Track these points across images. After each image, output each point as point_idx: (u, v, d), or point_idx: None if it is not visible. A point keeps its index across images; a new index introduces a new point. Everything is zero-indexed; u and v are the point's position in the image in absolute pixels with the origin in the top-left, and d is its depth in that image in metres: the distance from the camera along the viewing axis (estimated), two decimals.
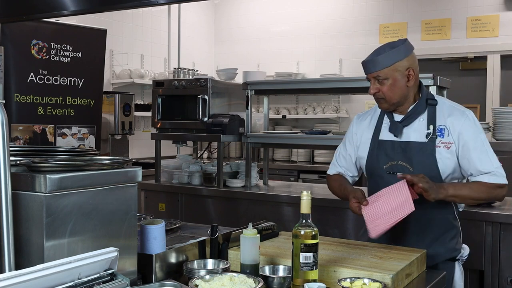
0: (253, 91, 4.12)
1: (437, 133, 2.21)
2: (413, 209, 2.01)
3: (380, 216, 2.07)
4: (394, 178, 2.19)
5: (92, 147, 4.71)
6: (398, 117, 2.29)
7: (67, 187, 1.40)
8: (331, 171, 2.54)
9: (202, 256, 1.90)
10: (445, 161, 2.20)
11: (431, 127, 2.22)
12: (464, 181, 2.31)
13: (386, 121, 2.33)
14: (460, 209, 2.36)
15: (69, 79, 4.65)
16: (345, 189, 2.32)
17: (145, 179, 4.18)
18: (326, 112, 6.50)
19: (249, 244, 1.76)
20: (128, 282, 1.40)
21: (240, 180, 4.15)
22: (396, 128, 2.26)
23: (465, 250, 2.36)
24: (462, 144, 2.19)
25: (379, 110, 2.37)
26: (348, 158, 2.46)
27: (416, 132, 2.24)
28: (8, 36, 4.24)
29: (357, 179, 2.53)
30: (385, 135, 2.31)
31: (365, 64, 2.23)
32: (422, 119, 2.25)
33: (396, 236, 2.23)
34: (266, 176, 4.34)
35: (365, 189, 2.33)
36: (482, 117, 5.93)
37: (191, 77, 5.11)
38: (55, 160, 1.53)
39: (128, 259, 1.59)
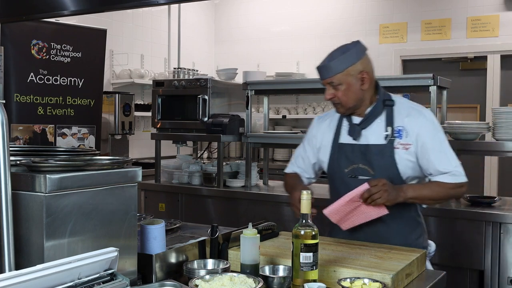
0: (253, 91, 4.12)
1: (395, 135, 2.20)
2: (386, 211, 2.08)
3: (347, 217, 2.12)
4: (355, 181, 2.20)
5: (92, 147, 4.71)
6: (356, 120, 2.27)
7: (67, 187, 1.40)
8: (288, 169, 2.53)
9: (202, 256, 1.90)
10: (404, 162, 2.19)
11: (389, 128, 2.21)
12: (426, 179, 2.32)
13: (345, 124, 2.32)
14: (424, 206, 2.36)
15: (69, 79, 4.65)
16: (295, 189, 2.27)
17: (145, 179, 4.18)
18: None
19: (249, 244, 1.76)
20: (128, 282, 1.40)
21: (240, 180, 4.15)
22: (354, 131, 2.25)
23: (432, 246, 2.39)
24: (421, 144, 2.18)
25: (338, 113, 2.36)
26: (306, 160, 2.45)
27: (374, 134, 2.23)
28: (8, 36, 4.24)
29: (314, 181, 2.52)
30: (345, 138, 2.30)
31: (319, 70, 2.22)
32: (380, 120, 2.24)
33: (364, 239, 2.21)
34: (266, 176, 4.34)
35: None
36: (482, 117, 5.93)
37: (191, 77, 5.11)
38: (55, 160, 1.53)
39: (128, 259, 1.59)
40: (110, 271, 1.39)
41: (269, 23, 7.11)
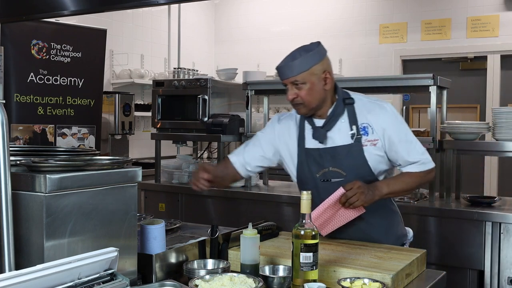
0: (253, 91, 4.12)
1: (361, 132, 2.20)
2: (364, 210, 2.10)
3: (327, 222, 2.11)
4: (328, 185, 2.19)
5: (92, 147, 4.71)
6: (319, 122, 2.24)
7: (67, 187, 1.40)
8: (233, 158, 2.41)
9: (202, 256, 1.90)
10: (374, 158, 2.20)
11: (354, 127, 2.20)
12: (394, 171, 2.35)
13: (308, 127, 2.28)
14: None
15: (69, 79, 4.65)
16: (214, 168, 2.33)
17: (145, 179, 4.17)
18: None
19: (249, 244, 1.76)
20: (128, 282, 1.40)
21: (240, 180, 4.15)
22: (319, 135, 2.22)
23: (410, 233, 2.43)
24: (388, 138, 2.19)
25: (299, 116, 2.32)
26: (255, 151, 2.38)
27: (340, 134, 2.21)
28: (8, 36, 4.24)
29: (253, 175, 2.49)
30: (310, 143, 2.26)
31: (281, 69, 2.18)
32: (343, 120, 2.22)
33: (348, 237, 2.23)
34: (266, 176, 4.34)
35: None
36: (482, 117, 5.93)
37: (191, 77, 5.11)
38: (55, 160, 1.53)
39: (128, 259, 1.59)
40: (110, 271, 1.39)
41: (269, 23, 7.11)
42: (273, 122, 2.42)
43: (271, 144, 2.37)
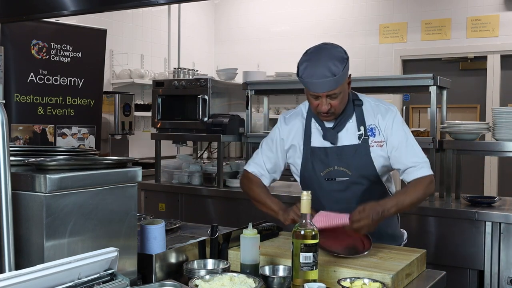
0: (253, 91, 4.12)
1: (368, 133, 2.22)
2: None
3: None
4: (332, 184, 2.21)
5: (92, 147, 4.71)
6: (329, 123, 2.25)
7: (67, 187, 1.40)
8: (251, 168, 2.42)
9: (202, 256, 1.90)
10: (380, 160, 2.21)
11: (362, 128, 2.22)
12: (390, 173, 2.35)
13: (315, 126, 2.28)
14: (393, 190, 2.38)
15: (69, 79, 4.65)
16: (272, 201, 2.28)
17: (145, 179, 4.18)
18: None
19: (249, 244, 1.76)
20: (128, 282, 1.40)
21: None
22: (331, 136, 2.23)
23: (405, 234, 2.44)
24: (391, 140, 2.20)
25: (305, 113, 2.32)
26: (274, 161, 2.38)
27: (347, 135, 2.23)
28: (8, 36, 4.24)
29: (275, 181, 2.48)
30: (317, 141, 2.26)
31: (317, 84, 2.08)
32: (352, 121, 2.24)
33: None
34: None
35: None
36: (482, 117, 5.93)
37: (191, 77, 5.11)
38: (55, 160, 1.53)
39: (128, 259, 1.59)
40: (110, 271, 1.39)
41: (269, 23, 7.11)
42: (279, 123, 2.41)
43: (282, 150, 2.37)
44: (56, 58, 4.55)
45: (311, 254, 1.65)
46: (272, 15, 7.09)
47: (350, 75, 2.18)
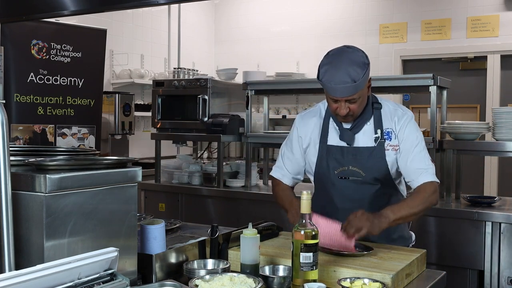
0: (253, 91, 4.12)
1: (385, 137, 2.23)
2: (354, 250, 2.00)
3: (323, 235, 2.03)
4: (345, 182, 2.23)
5: (92, 147, 4.71)
6: (346, 124, 2.26)
7: (67, 187, 1.40)
8: (275, 173, 2.48)
9: (202, 256, 1.90)
10: (394, 163, 2.24)
11: (379, 131, 2.24)
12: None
13: (332, 125, 2.30)
14: (408, 192, 2.37)
15: (69, 79, 4.65)
16: (290, 203, 2.33)
17: (145, 179, 4.18)
18: None
19: (249, 244, 1.76)
20: (128, 282, 1.40)
21: (240, 180, 4.15)
22: (347, 136, 2.25)
23: (413, 236, 2.45)
24: (404, 144, 2.23)
25: (323, 112, 2.33)
26: (294, 161, 2.41)
27: (364, 137, 2.25)
28: (8, 36, 4.24)
29: (299, 181, 2.51)
30: (333, 140, 2.28)
31: (337, 89, 2.08)
32: (369, 123, 2.26)
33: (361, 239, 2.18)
34: (266, 176, 4.33)
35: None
36: (482, 117, 5.93)
37: (191, 77, 5.11)
38: (55, 160, 1.53)
39: (128, 259, 1.59)
40: (110, 271, 1.39)
41: (269, 23, 7.11)
42: (297, 122, 2.44)
43: (301, 148, 2.39)
44: (56, 58, 4.55)
45: (311, 254, 1.65)
46: (272, 15, 7.09)
47: (370, 78, 2.18)
